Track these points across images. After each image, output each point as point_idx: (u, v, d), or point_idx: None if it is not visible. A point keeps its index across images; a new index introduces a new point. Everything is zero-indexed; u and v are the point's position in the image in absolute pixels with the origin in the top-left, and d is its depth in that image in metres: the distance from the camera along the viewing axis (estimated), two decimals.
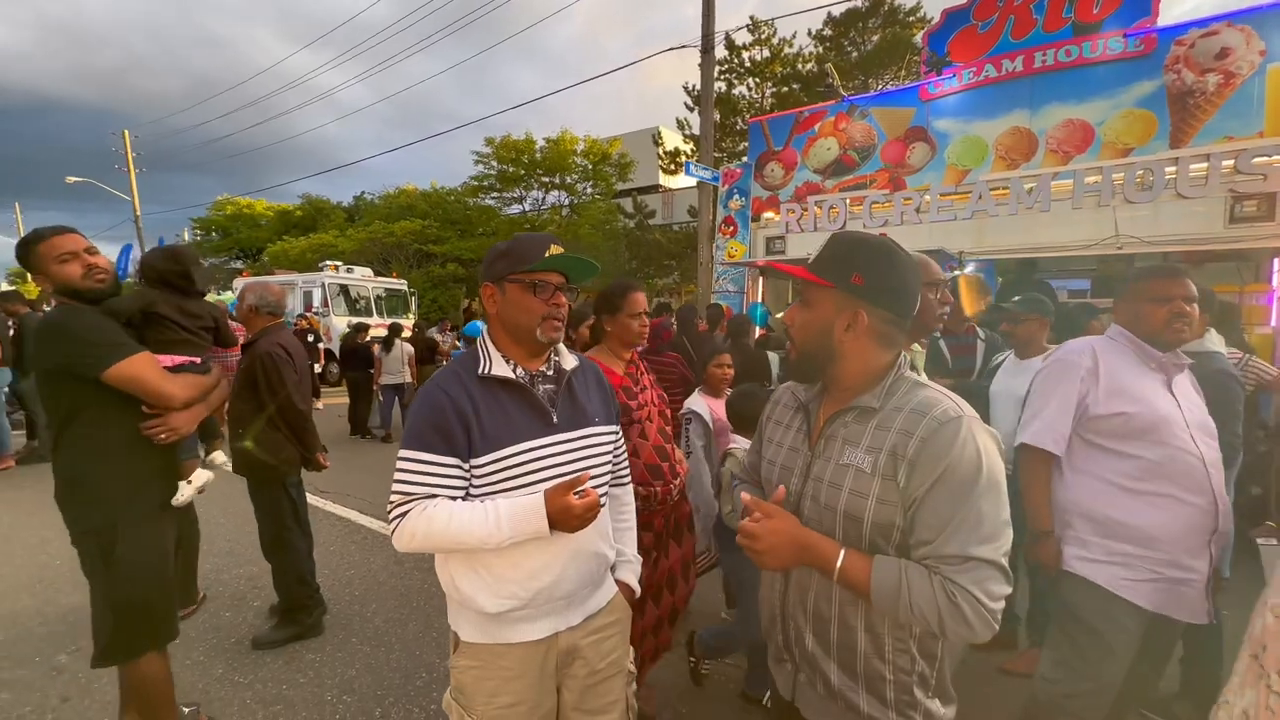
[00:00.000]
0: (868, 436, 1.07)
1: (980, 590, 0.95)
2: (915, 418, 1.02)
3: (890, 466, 1.02)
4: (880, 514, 1.03)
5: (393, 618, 3.28)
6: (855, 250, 1.11)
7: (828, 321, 1.12)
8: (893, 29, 16.62)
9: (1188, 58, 5.72)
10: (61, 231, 1.91)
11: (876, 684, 1.09)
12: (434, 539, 1.24)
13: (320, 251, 22.86)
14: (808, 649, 1.16)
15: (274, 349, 2.83)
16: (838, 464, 1.10)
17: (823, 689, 1.15)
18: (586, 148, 22.44)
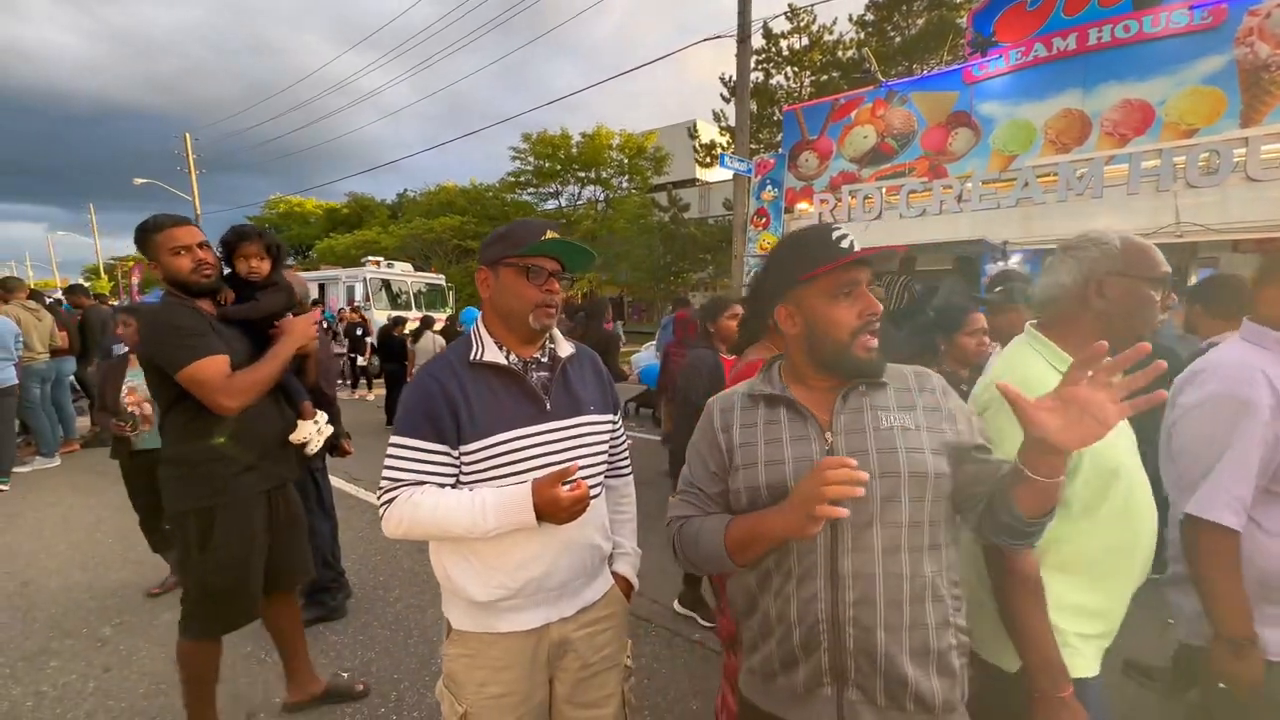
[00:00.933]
0: (894, 398, 1.11)
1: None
2: (922, 377, 1.16)
3: (933, 419, 1.10)
4: (938, 465, 1.05)
5: (413, 604, 3.34)
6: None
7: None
8: (938, 11, 15.96)
9: (1262, 29, 5.26)
10: (180, 223, 1.98)
11: (947, 657, 1.04)
12: (420, 526, 1.23)
13: (364, 248, 23.61)
14: (877, 649, 1.02)
15: None
16: (878, 430, 1.06)
17: (885, 699, 1.03)
18: (622, 142, 22.42)
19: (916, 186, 6.07)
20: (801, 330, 1.11)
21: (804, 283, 1.08)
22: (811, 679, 1.06)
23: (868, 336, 1.07)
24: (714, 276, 19.09)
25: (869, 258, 1.07)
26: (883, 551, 1.02)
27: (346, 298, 14.42)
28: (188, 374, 1.87)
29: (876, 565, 1.02)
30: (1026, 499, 0.94)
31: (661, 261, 19.87)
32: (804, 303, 1.10)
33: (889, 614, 1.01)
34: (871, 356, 1.08)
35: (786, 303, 1.12)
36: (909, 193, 6.01)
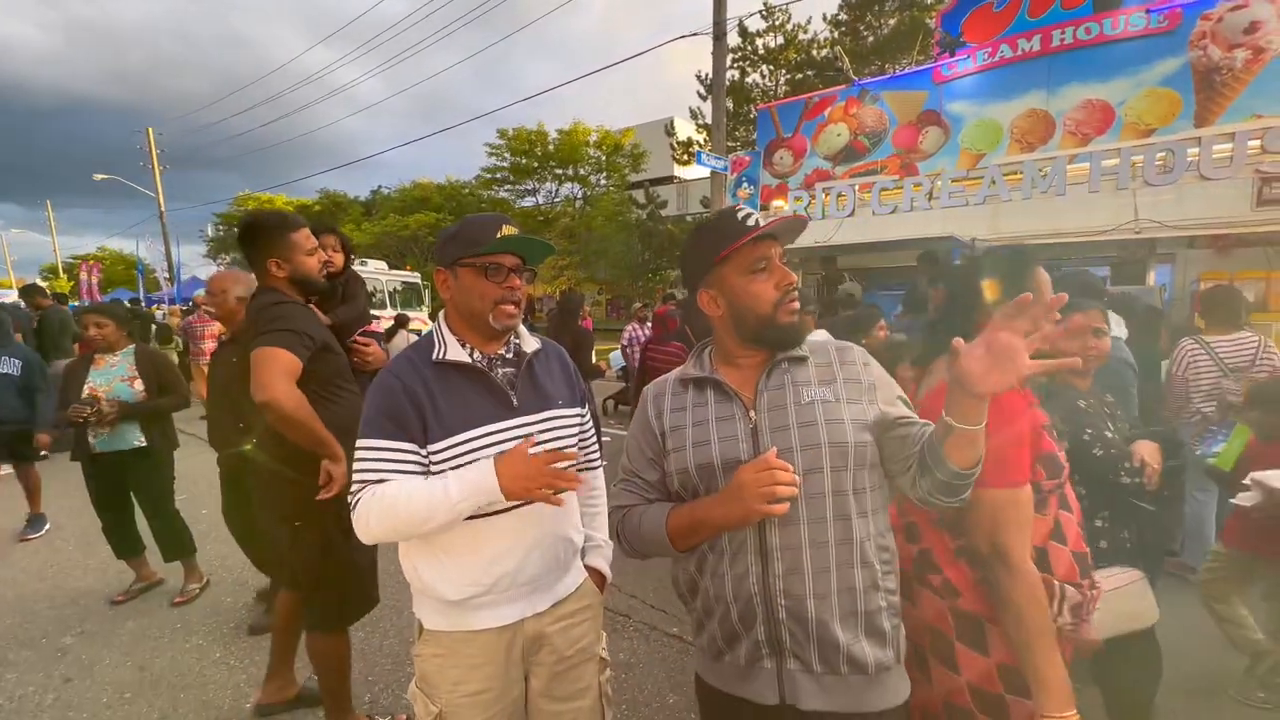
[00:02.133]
0: (814, 373, 1.15)
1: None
2: (844, 350, 1.19)
3: (853, 391, 1.13)
4: (859, 435, 1.08)
5: (388, 603, 3.27)
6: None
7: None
8: (910, 12, 16.24)
9: (1214, 33, 5.47)
10: (305, 223, 2.01)
11: (876, 619, 1.07)
12: (387, 518, 1.20)
13: None
14: (809, 621, 1.07)
15: None
16: (798, 404, 1.11)
17: (821, 664, 1.07)
18: (599, 139, 22.38)
19: (888, 184, 6.18)
20: (725, 310, 1.15)
21: (719, 264, 1.13)
22: (751, 653, 1.11)
23: (790, 303, 1.12)
24: None
25: (776, 231, 1.12)
26: (808, 522, 1.07)
27: None
28: (264, 353, 1.80)
29: (802, 536, 1.07)
30: (956, 451, 0.96)
31: (639, 259, 19.89)
32: (724, 283, 1.14)
33: (817, 582, 1.06)
34: (794, 321, 1.13)
35: (707, 287, 1.16)
36: (881, 190, 6.11)
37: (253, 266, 1.99)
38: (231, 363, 2.75)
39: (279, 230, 1.93)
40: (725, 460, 1.11)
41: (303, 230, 1.98)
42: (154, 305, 18.80)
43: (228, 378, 2.76)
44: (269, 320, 1.87)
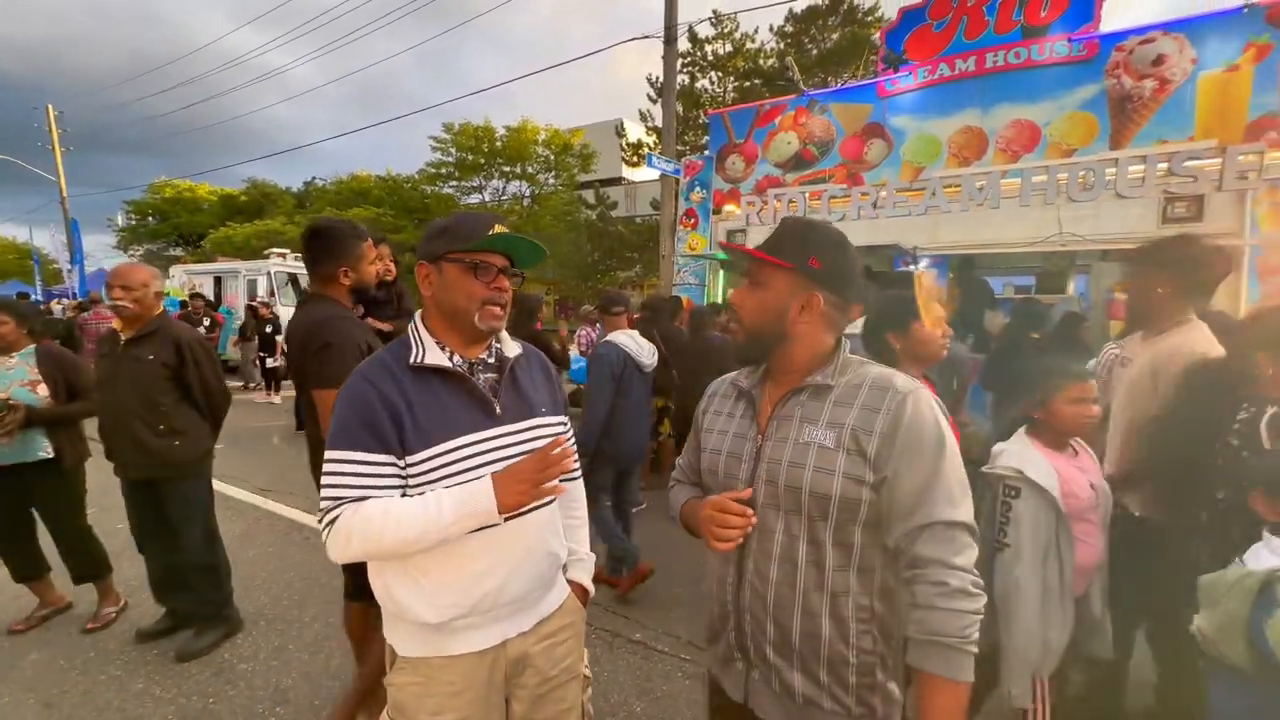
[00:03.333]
0: (827, 413, 1.08)
1: (960, 558, 0.99)
2: (877, 393, 1.05)
3: (855, 441, 1.04)
4: (848, 490, 1.03)
5: (333, 622, 3.11)
6: (809, 234, 1.13)
7: (782, 303, 1.12)
8: (851, 28, 16.88)
9: (1126, 63, 5.95)
10: (369, 234, 2.03)
11: (839, 668, 1.07)
12: (371, 540, 1.11)
13: (267, 239, 21.87)
14: (766, 643, 1.12)
15: (196, 334, 2.66)
16: (797, 443, 1.09)
17: (779, 686, 1.11)
18: (548, 137, 22.07)
19: (838, 192, 6.38)
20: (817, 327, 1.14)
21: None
22: (725, 652, 1.21)
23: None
24: (642, 275, 19.19)
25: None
26: (778, 558, 1.09)
27: (248, 293, 13.28)
28: (324, 395, 1.80)
29: (771, 569, 1.10)
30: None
31: (589, 260, 19.74)
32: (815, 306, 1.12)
33: (778, 614, 1.09)
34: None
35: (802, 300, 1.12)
36: (830, 198, 6.31)
37: (315, 270, 1.97)
38: (147, 360, 2.52)
39: (352, 239, 1.93)
40: (725, 473, 1.19)
41: (369, 240, 2.00)
42: (53, 300, 17.15)
43: (146, 377, 2.52)
44: (326, 350, 1.83)
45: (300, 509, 4.80)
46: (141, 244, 33.01)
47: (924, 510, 0.99)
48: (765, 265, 1.12)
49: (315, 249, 1.97)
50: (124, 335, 2.56)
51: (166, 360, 2.54)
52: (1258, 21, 5.47)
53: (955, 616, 0.96)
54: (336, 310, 1.95)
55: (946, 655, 0.96)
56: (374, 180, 25.88)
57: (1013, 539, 1.72)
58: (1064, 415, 1.78)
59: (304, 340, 1.88)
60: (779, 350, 1.13)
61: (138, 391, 2.52)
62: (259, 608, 3.23)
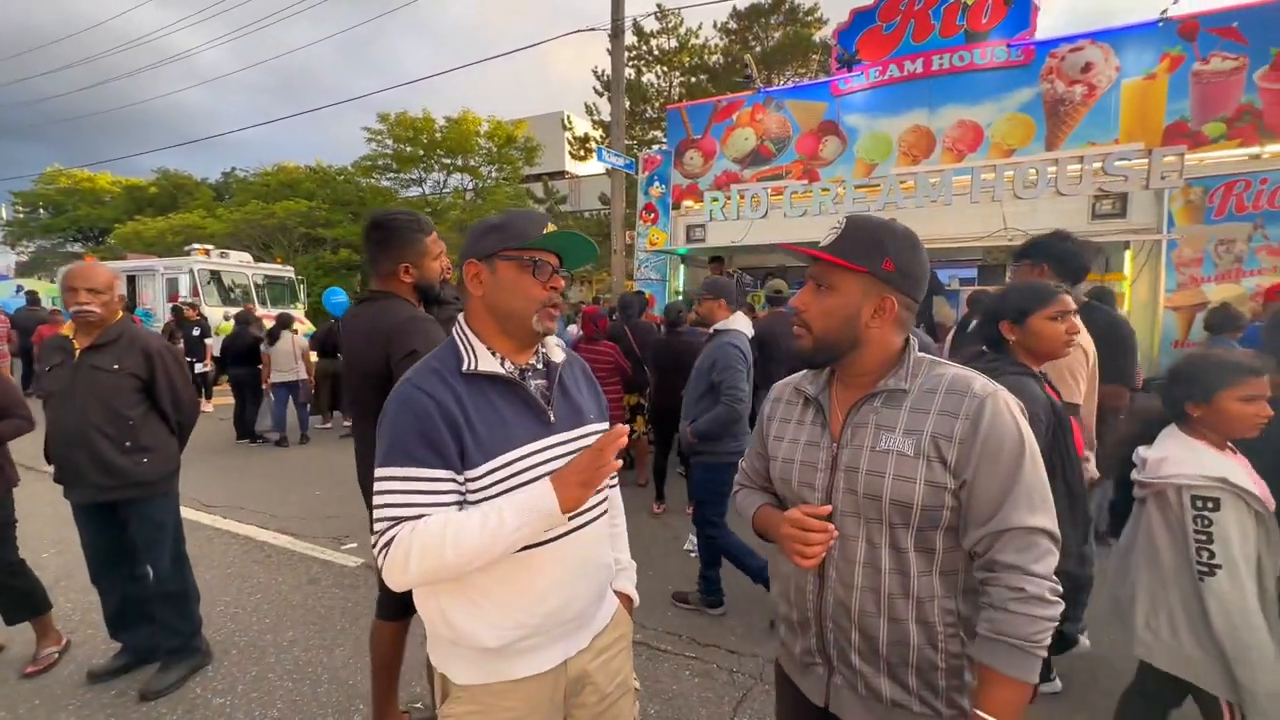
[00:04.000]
0: (904, 420, 1.06)
1: (1039, 565, 0.98)
2: (954, 398, 1.03)
3: (934, 449, 1.02)
4: (929, 497, 1.02)
5: (315, 644, 2.91)
6: (884, 235, 1.09)
7: (854, 307, 1.08)
8: (794, 26, 17.30)
9: (1059, 69, 6.37)
10: (434, 227, 1.92)
11: (928, 674, 1.06)
12: (431, 559, 1.01)
13: (184, 234, 20.22)
14: (851, 650, 1.11)
15: (164, 341, 2.42)
16: (874, 450, 1.06)
17: (866, 689, 1.10)
18: (491, 129, 21.44)
19: (799, 188, 6.52)
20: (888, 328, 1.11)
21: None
22: (805, 655, 1.19)
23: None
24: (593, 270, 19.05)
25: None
26: (862, 565, 1.08)
27: (168, 293, 12.25)
28: None
29: (855, 577, 1.08)
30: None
31: None
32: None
33: (863, 621, 1.08)
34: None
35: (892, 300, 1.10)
36: (792, 194, 6.44)
37: (375, 266, 1.86)
38: (111, 369, 2.27)
39: (415, 232, 1.82)
40: (800, 482, 1.17)
41: (433, 234, 1.87)
42: None
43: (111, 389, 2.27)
44: (413, 359, 1.67)
45: (255, 524, 4.48)
46: (33, 239, 29.87)
47: (1002, 515, 0.98)
48: (836, 269, 1.08)
49: (375, 243, 1.86)
50: (79, 343, 2.28)
51: (135, 370, 2.28)
52: (1171, 34, 5.98)
53: (1028, 621, 0.96)
54: (415, 311, 1.82)
55: (1013, 656, 0.97)
56: (303, 172, 24.43)
57: (1223, 557, 1.50)
58: (1233, 414, 1.57)
59: (386, 343, 1.73)
60: (850, 355, 1.10)
61: (101, 404, 2.25)
62: (227, 635, 2.98)
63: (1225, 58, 5.77)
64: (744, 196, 6.64)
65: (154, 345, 2.36)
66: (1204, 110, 5.91)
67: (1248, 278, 5.65)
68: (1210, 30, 5.84)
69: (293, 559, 3.90)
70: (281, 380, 6.95)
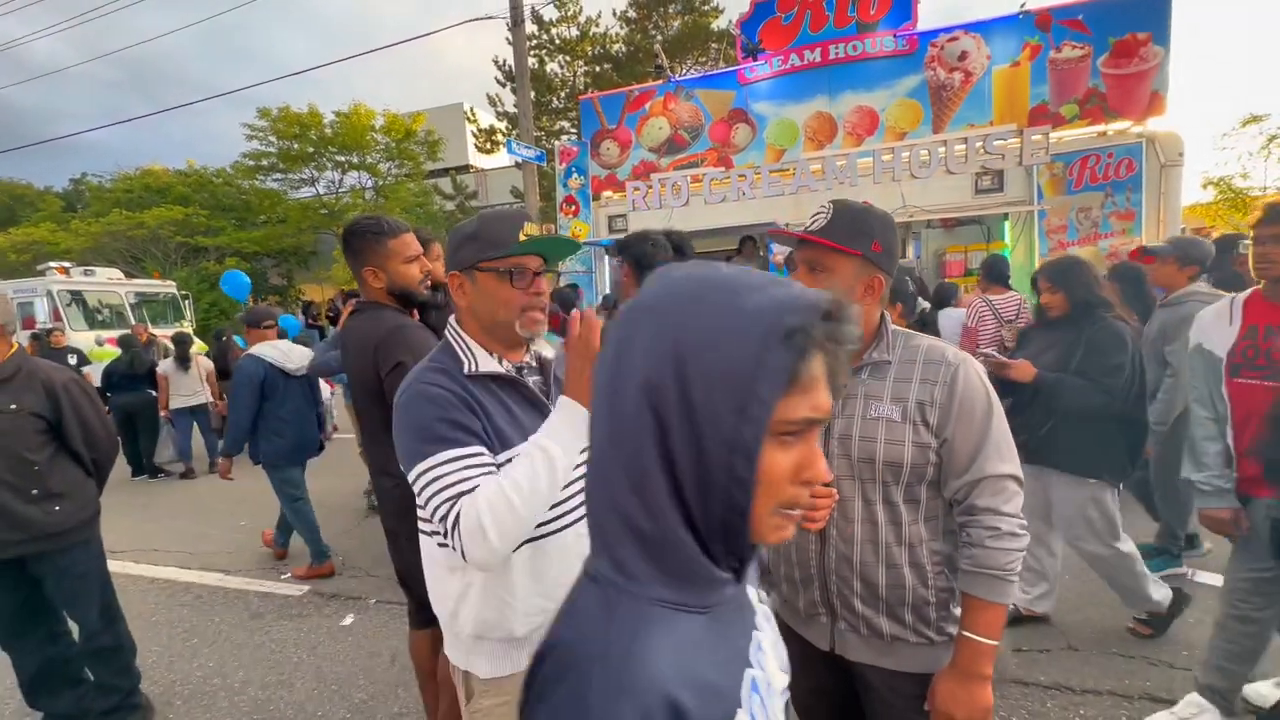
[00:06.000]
0: (889, 389, 1.17)
1: (1009, 506, 1.13)
2: (933, 366, 1.16)
3: (919, 413, 1.14)
4: (916, 456, 1.15)
5: (271, 681, 2.74)
6: (870, 219, 1.20)
7: (849, 288, 1.18)
8: (692, 16, 17.61)
9: (939, 58, 6.94)
10: (408, 229, 1.88)
11: (922, 609, 1.19)
12: (504, 515, 1.00)
13: (31, 251, 17.81)
14: (854, 597, 1.22)
15: (69, 373, 2.16)
16: (866, 418, 1.17)
17: (868, 630, 1.22)
18: (386, 124, 20.29)
19: (717, 175, 6.72)
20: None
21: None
22: (809, 608, 1.29)
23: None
24: None
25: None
26: (861, 522, 1.20)
27: (21, 318, 10.72)
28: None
29: (855, 532, 1.21)
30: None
31: None
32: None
33: (864, 571, 1.21)
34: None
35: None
36: (711, 181, 6.62)
37: (355, 276, 1.88)
38: (9, 410, 2.02)
39: (374, 235, 1.80)
40: None
41: (403, 236, 1.82)
42: None
43: (10, 432, 2.02)
44: (400, 371, 1.61)
45: (175, 565, 4.10)
46: None
47: (977, 466, 1.12)
48: (831, 252, 1.17)
49: (347, 254, 1.87)
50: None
51: (37, 409, 2.02)
52: (1030, 26, 6.68)
53: (1003, 554, 1.12)
54: (401, 320, 1.79)
55: (992, 584, 1.12)
56: (173, 176, 22.06)
57: None
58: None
59: (374, 356, 1.72)
60: None
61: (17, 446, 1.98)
62: (167, 686, 2.74)
63: (1073, 46, 6.52)
64: (665, 185, 6.75)
65: (57, 379, 2.10)
66: (1060, 93, 6.66)
67: (1103, 239, 6.47)
68: (1061, 22, 6.57)
69: (227, 596, 3.62)
70: (185, 405, 6.31)
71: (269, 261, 21.64)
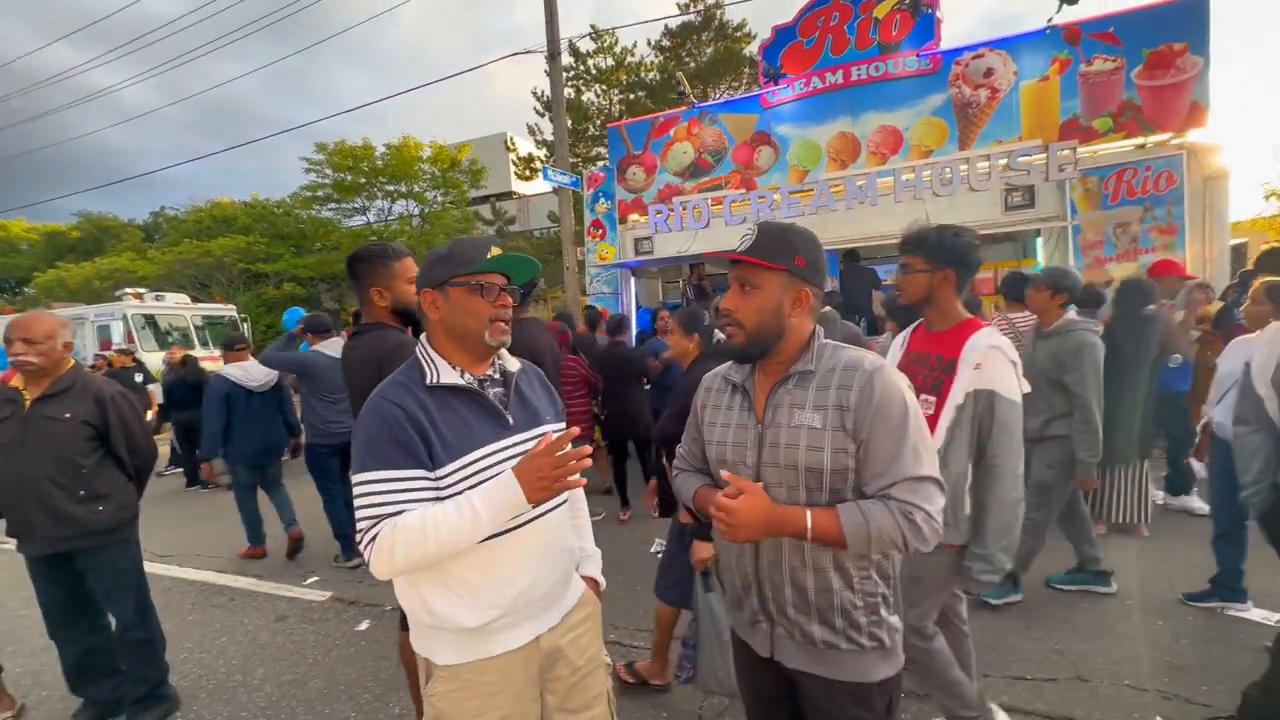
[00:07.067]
0: (811, 397, 1.22)
1: (928, 504, 1.15)
2: (849, 373, 1.20)
3: (837, 419, 1.18)
4: (836, 461, 1.18)
5: (287, 679, 2.91)
6: (792, 236, 1.26)
7: (777, 301, 1.24)
8: (724, 43, 17.92)
9: (964, 75, 6.90)
10: (409, 253, 2.03)
11: (851, 613, 1.22)
12: (414, 548, 1.13)
13: (113, 278, 19.32)
14: (787, 604, 1.26)
15: (117, 387, 2.41)
16: (790, 427, 1.22)
17: (802, 636, 1.26)
18: (433, 154, 21.31)
19: (737, 197, 6.82)
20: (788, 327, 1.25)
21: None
22: (750, 615, 1.34)
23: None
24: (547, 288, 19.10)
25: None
26: (789, 537, 1.22)
27: (99, 340, 11.69)
28: None
29: (782, 543, 1.25)
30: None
31: None
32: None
33: (793, 576, 1.25)
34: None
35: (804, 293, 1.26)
36: (731, 203, 6.73)
37: (359, 298, 2.03)
38: (63, 419, 2.26)
39: (381, 259, 1.97)
40: (734, 460, 1.30)
41: (405, 260, 2.00)
42: None
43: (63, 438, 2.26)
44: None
45: (213, 570, 4.37)
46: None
47: (895, 468, 1.14)
48: (758, 269, 1.24)
49: (353, 277, 2.02)
50: (29, 394, 2.26)
51: (87, 418, 2.27)
52: (1058, 40, 6.58)
53: (892, 526, 1.11)
54: (403, 338, 1.93)
55: (856, 524, 1.12)
56: (239, 207, 23.67)
57: None
58: None
59: (377, 372, 1.78)
60: (775, 345, 1.25)
61: (52, 454, 2.23)
62: (194, 680, 2.93)
63: (1105, 59, 6.38)
64: (686, 208, 6.89)
65: (106, 391, 2.36)
66: (1092, 107, 6.51)
67: (1144, 255, 6.22)
68: (1091, 35, 6.45)
69: (257, 599, 3.84)
70: None
71: (323, 286, 22.84)
